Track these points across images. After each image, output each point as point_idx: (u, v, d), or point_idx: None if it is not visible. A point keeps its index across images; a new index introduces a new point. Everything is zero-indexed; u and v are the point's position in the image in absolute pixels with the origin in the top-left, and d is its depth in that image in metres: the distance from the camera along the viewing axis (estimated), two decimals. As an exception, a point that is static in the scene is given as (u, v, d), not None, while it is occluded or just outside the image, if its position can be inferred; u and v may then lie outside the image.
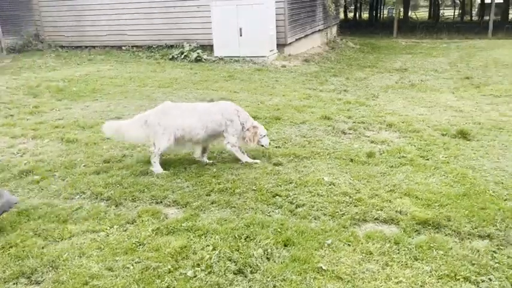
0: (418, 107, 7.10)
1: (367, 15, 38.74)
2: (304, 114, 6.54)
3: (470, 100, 7.55)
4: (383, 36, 21.65)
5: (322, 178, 4.11)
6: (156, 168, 4.32)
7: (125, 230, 3.27)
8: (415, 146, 5.05)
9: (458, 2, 39.57)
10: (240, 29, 11.21)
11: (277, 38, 12.04)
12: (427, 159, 4.62)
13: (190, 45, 12.31)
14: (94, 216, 3.50)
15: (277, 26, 11.95)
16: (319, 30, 15.83)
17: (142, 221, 3.39)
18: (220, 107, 4.49)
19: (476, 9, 38.02)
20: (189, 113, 4.35)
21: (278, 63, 11.36)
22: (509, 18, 32.47)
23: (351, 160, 4.61)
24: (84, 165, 4.57)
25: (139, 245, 3.06)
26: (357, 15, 39.85)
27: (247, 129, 4.44)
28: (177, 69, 10.37)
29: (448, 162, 4.51)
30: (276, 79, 9.58)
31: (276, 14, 11.79)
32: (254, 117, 4.95)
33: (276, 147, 5.03)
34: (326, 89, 8.88)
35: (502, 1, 23.70)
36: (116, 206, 3.69)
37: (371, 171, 4.29)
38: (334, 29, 17.82)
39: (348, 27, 25.80)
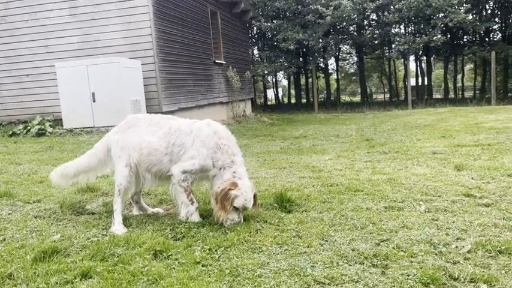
0: (267, 169, 4.78)
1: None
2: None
3: (346, 159, 5.37)
4: (304, 112, 20.50)
5: None
6: (116, 223, 2.85)
7: None
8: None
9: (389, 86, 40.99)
10: (93, 94, 9.00)
11: (149, 105, 9.92)
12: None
13: (43, 119, 9.90)
14: None
15: (148, 92, 9.90)
16: (222, 102, 14.07)
17: None
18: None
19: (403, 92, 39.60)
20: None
21: (144, 134, 9.03)
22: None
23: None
24: None
25: None
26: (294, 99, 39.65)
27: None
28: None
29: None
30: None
31: (145, 78, 9.81)
32: None
33: None
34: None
35: (414, 84, 25.56)
36: None
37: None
38: (244, 104, 16.23)
39: (273, 108, 24.88)
